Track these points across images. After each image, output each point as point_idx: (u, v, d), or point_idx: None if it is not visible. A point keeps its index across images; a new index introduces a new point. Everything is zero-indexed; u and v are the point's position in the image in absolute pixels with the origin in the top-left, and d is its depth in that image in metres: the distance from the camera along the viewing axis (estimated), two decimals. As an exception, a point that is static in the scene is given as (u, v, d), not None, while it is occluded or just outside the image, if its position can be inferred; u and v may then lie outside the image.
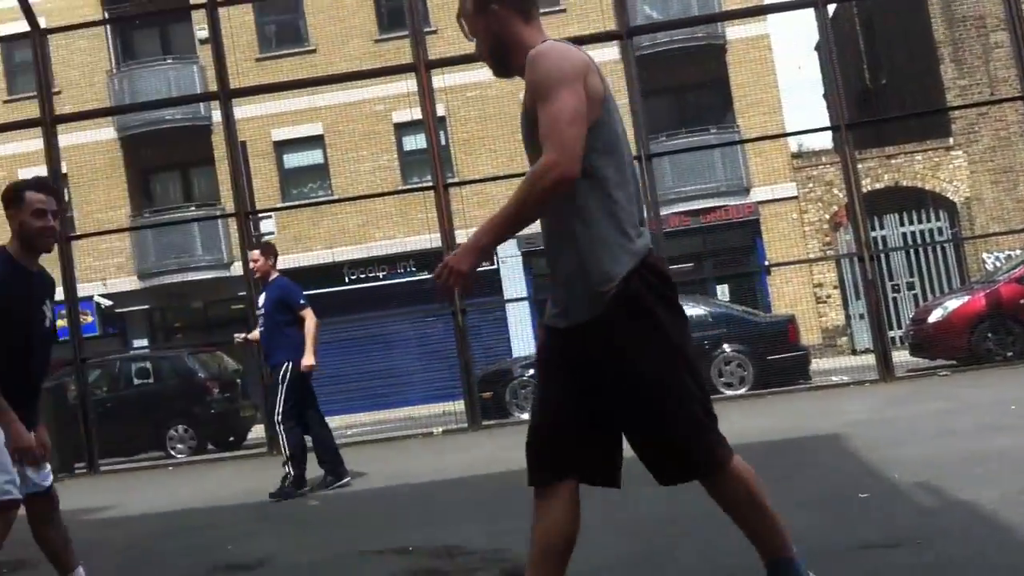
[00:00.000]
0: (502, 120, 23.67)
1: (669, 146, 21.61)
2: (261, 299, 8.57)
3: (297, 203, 23.22)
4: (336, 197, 22.96)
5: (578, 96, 2.83)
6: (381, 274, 24.03)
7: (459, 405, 13.10)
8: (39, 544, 4.42)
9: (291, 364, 8.26)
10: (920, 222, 22.22)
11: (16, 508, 4.12)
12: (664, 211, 16.94)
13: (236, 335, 9.16)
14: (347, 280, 23.99)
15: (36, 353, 4.30)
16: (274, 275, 8.57)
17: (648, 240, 3.00)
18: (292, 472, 8.11)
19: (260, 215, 15.63)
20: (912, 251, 21.81)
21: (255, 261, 8.60)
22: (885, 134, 25.52)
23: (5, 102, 24.50)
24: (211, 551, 6.00)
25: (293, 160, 25.14)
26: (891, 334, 14.53)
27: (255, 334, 8.83)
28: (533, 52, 2.90)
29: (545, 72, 2.84)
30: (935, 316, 13.90)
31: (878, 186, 22.80)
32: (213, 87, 15.55)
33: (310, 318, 8.35)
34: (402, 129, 24.09)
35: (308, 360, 8.25)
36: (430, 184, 13.55)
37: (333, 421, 17.45)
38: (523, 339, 21.94)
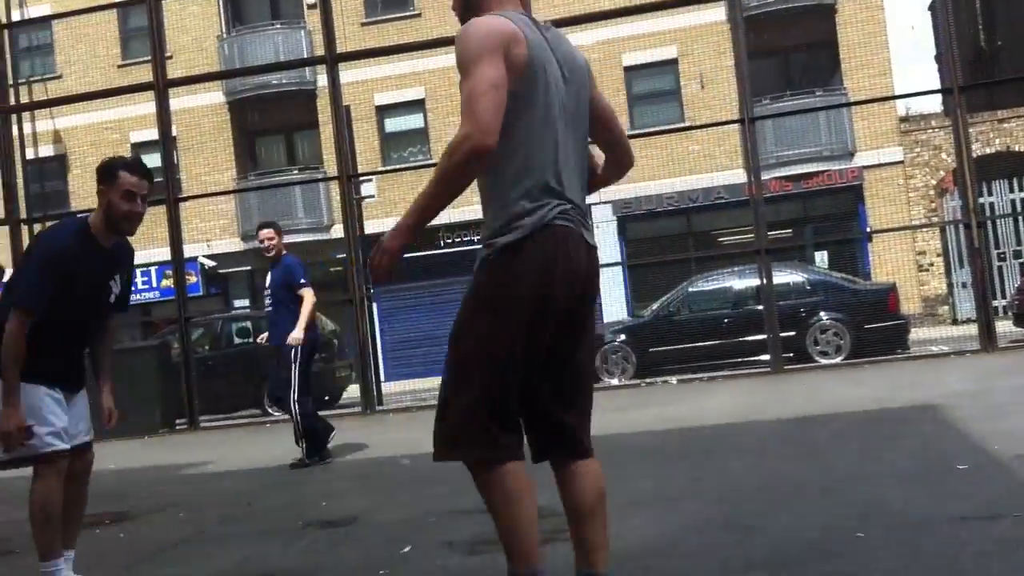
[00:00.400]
0: (601, 82, 23.33)
1: (772, 109, 21.23)
2: (268, 279, 8.60)
3: (397, 167, 23.43)
4: (435, 161, 23.05)
5: (494, 67, 2.80)
6: (475, 238, 24.16)
7: (548, 369, 13.11)
8: None
9: (299, 346, 8.32)
10: (1031, 188, 21.43)
11: (64, 458, 4.13)
12: (765, 176, 16.66)
13: (259, 339, 9.15)
14: (442, 244, 24.17)
15: (88, 323, 4.33)
16: (283, 254, 8.60)
17: (549, 216, 2.89)
18: (306, 447, 8.24)
19: (361, 178, 15.78)
20: (1021, 218, 21.08)
21: (271, 239, 8.50)
22: (997, 97, 24.64)
23: (119, 67, 25.14)
24: (306, 507, 6.15)
25: (394, 124, 25.38)
26: (995, 303, 14.10)
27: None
28: (459, 30, 2.92)
29: (464, 49, 2.84)
30: (1043, 286, 13.49)
31: (988, 151, 22.08)
32: (320, 52, 15.72)
33: (308, 296, 8.32)
34: (501, 93, 24.07)
35: (297, 334, 8.22)
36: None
37: (425, 383, 17.71)
38: (614, 304, 21.88)
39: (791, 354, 13.60)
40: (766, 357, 12.94)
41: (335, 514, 5.83)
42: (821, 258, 20.86)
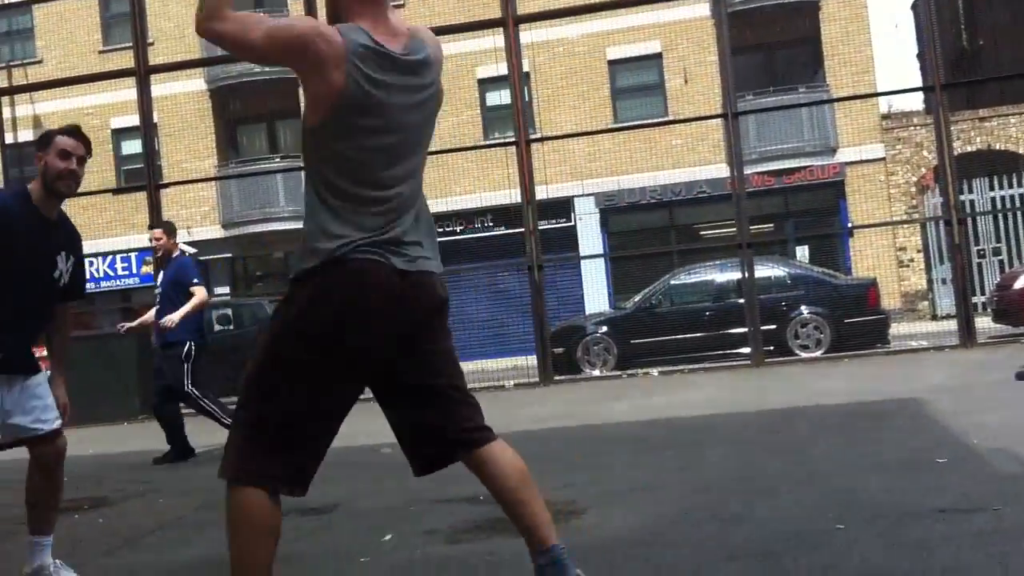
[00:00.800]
0: (585, 76, 23.55)
1: (755, 104, 21.30)
2: (160, 279, 8.66)
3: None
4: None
5: (275, 33, 2.80)
6: (459, 228, 24.13)
7: (530, 360, 13.16)
8: (26, 488, 4.31)
9: (192, 343, 8.42)
10: (1011, 187, 21.55)
11: None
12: (747, 170, 16.72)
13: (119, 326, 9.02)
14: (425, 234, 24.12)
15: (34, 300, 4.19)
16: (176, 253, 8.62)
17: (342, 251, 2.81)
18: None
19: (342, 167, 15.74)
20: (1000, 216, 21.23)
21: (158, 239, 8.60)
22: (978, 96, 24.80)
23: (100, 52, 24.98)
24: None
25: (375, 112, 25.26)
26: (974, 300, 14.20)
27: (147, 317, 8.77)
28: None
29: (294, 21, 2.88)
30: (1021, 282, 13.56)
31: (969, 149, 22.19)
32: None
33: (200, 294, 8.40)
34: (485, 84, 24.07)
35: (175, 317, 8.21)
36: (512, 140, 13.52)
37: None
38: (596, 296, 21.91)
39: (772, 347, 13.66)
40: (747, 350, 13.02)
41: (316, 501, 5.77)
42: (802, 253, 20.96)
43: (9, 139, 22.74)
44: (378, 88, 2.83)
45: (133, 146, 23.16)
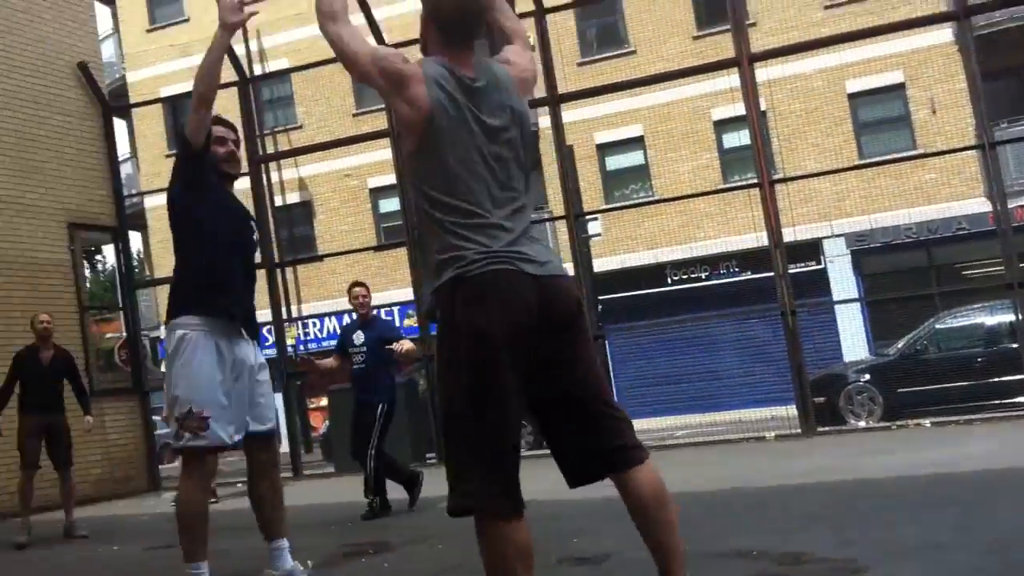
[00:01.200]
0: (826, 111, 22.97)
1: (1011, 133, 20.11)
2: (359, 337, 8.75)
3: (620, 204, 23.51)
4: (658, 198, 23.08)
5: (380, 57, 3.02)
6: (704, 274, 23.92)
7: (789, 410, 12.77)
8: (250, 497, 4.47)
9: (386, 405, 8.59)
10: None
11: (215, 456, 4.23)
12: (1011, 204, 15.76)
13: (302, 355, 9.16)
14: (670, 281, 24.05)
15: (244, 257, 4.49)
16: (373, 312, 8.85)
17: (474, 263, 2.89)
18: (378, 501, 8.48)
19: (587, 217, 15.96)
20: None
21: (366, 297, 8.82)
22: None
23: (354, 115, 26.40)
24: (557, 543, 6.16)
25: (615, 162, 25.54)
26: None
27: (328, 362, 8.79)
28: None
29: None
30: None
31: None
32: (540, 93, 16.05)
33: (412, 345, 8.75)
34: (721, 126, 23.90)
35: (408, 344, 8.56)
36: (754, 182, 13.31)
37: (662, 422, 17.53)
38: (854, 342, 21.10)
39: (1053, 396, 12.67)
40: (1026, 400, 12.16)
41: (587, 551, 5.87)
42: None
43: (278, 201, 24.47)
44: (460, 109, 2.97)
45: (390, 204, 24.27)
